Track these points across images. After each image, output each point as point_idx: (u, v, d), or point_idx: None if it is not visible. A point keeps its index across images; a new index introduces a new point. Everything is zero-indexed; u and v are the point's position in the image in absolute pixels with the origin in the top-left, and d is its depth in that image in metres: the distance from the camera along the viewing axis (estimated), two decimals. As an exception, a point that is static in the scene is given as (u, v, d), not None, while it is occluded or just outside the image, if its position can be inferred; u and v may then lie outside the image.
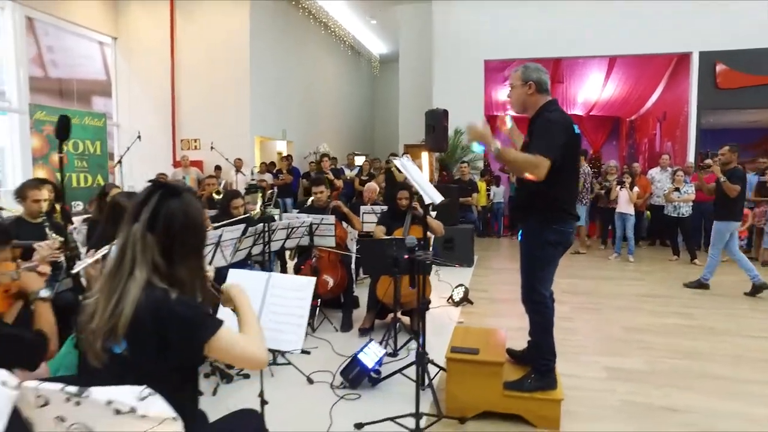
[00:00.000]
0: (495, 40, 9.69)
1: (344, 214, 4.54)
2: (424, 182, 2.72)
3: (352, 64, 15.96)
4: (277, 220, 4.50)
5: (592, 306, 5.08)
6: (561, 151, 2.39)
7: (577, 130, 2.56)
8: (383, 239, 3.74)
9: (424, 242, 2.95)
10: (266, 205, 4.13)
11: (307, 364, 3.37)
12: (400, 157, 4.40)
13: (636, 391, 3.11)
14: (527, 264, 2.63)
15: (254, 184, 8.66)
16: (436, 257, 3.29)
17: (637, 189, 7.82)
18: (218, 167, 9.62)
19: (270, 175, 9.92)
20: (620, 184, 7.66)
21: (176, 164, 10.04)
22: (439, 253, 6.19)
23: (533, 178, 2.39)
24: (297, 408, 2.85)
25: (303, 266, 4.42)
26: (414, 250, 2.57)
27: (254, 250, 3.59)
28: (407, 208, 4.13)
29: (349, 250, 4.66)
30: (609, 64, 10.73)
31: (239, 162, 9.35)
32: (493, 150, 2.45)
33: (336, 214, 4.38)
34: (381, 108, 18.23)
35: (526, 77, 2.58)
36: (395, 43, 13.43)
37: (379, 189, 6.43)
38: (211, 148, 9.08)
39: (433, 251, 4.03)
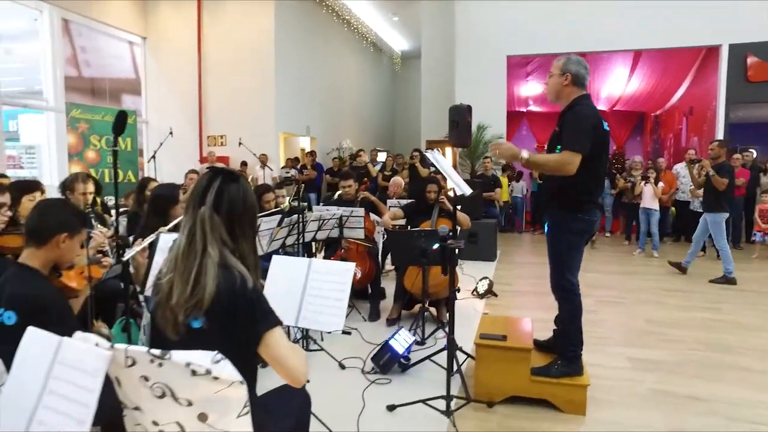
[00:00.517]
0: (517, 36, 9.67)
1: (372, 202, 4.67)
2: (455, 174, 2.81)
3: (374, 61, 16.07)
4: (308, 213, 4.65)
5: (617, 299, 5.10)
6: (590, 143, 2.48)
7: (606, 126, 2.64)
8: (412, 231, 3.84)
9: (453, 233, 3.05)
10: (295, 199, 4.26)
11: (338, 350, 3.50)
12: (427, 151, 4.51)
13: (661, 381, 3.17)
14: (555, 252, 2.72)
15: (288, 177, 8.89)
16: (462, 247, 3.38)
17: (662, 184, 7.76)
18: (244, 163, 9.86)
19: (294, 171, 10.11)
20: (645, 179, 7.61)
21: (203, 160, 10.30)
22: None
23: (568, 174, 2.49)
24: (330, 391, 2.98)
25: (332, 258, 4.56)
26: (446, 239, 2.67)
27: (288, 241, 3.74)
28: (435, 201, 4.25)
29: (376, 243, 4.78)
30: (634, 58, 10.59)
31: (264, 157, 9.56)
32: (522, 161, 2.56)
33: (364, 206, 4.51)
34: (402, 104, 18.31)
35: (565, 68, 2.67)
36: (417, 39, 13.49)
37: (403, 184, 6.53)
38: (239, 144, 9.31)
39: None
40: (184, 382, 1.22)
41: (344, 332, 3.54)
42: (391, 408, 2.73)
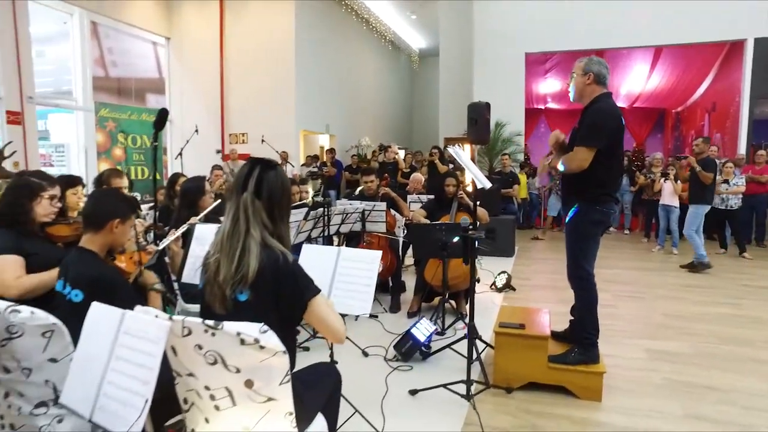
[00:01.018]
0: (536, 33, 9.67)
1: (393, 199, 4.79)
2: (474, 168, 2.92)
3: (392, 59, 16.17)
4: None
5: (635, 294, 5.13)
6: (606, 138, 2.61)
7: (622, 122, 2.75)
8: (432, 224, 3.95)
9: (474, 226, 3.15)
10: (317, 194, 4.42)
11: (361, 339, 3.63)
12: (447, 147, 4.61)
13: (677, 371, 3.23)
14: (573, 242, 2.84)
15: (315, 172, 9.09)
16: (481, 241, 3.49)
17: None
18: (265, 160, 10.05)
19: (310, 169, 10.30)
20: (664, 176, 7.58)
21: (225, 157, 10.53)
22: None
23: (585, 166, 2.65)
24: (355, 377, 3.09)
25: (354, 251, 4.69)
26: (467, 230, 2.78)
27: (312, 234, 3.88)
28: (453, 196, 4.35)
29: (398, 237, 4.90)
30: (654, 54, 10.50)
31: (285, 154, 9.75)
32: (558, 171, 2.76)
33: (385, 201, 4.63)
34: (420, 102, 18.38)
35: (587, 68, 2.79)
36: (435, 37, 13.55)
37: (423, 180, 6.64)
38: (262, 141, 9.51)
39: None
40: (233, 350, 1.35)
41: (371, 316, 3.72)
42: (414, 392, 2.85)
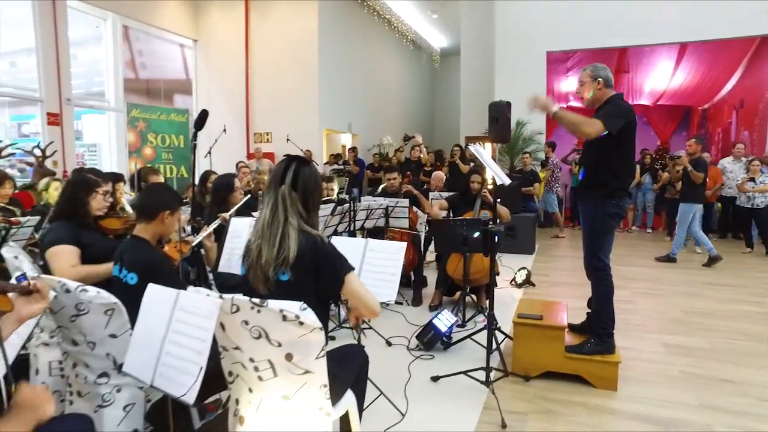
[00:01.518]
0: (558, 31, 9.66)
1: (415, 196, 4.94)
2: (494, 165, 3.04)
3: (413, 59, 16.28)
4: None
5: (654, 291, 5.17)
6: (618, 127, 2.73)
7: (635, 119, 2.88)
8: (454, 219, 4.09)
9: (494, 222, 3.28)
10: (341, 190, 4.60)
11: (384, 330, 3.79)
12: (468, 146, 4.72)
13: (694, 365, 3.29)
14: (589, 234, 2.97)
15: (341, 169, 9.30)
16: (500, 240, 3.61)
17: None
18: (289, 159, 10.30)
19: (336, 166, 10.49)
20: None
21: (250, 156, 10.81)
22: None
23: (584, 137, 2.79)
24: (379, 364, 3.25)
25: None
26: (488, 224, 2.92)
27: (339, 228, 4.05)
28: (478, 192, 4.47)
29: (419, 233, 5.04)
30: (679, 51, 10.37)
31: (309, 153, 9.97)
32: (552, 114, 2.83)
33: (408, 198, 4.79)
34: (441, 101, 18.45)
35: (596, 74, 2.95)
36: (456, 36, 13.61)
37: (444, 178, 6.76)
38: (287, 140, 9.74)
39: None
40: (276, 325, 1.52)
41: (397, 302, 4.05)
42: (435, 379, 2.99)
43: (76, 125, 10.07)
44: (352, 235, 4.73)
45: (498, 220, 3.65)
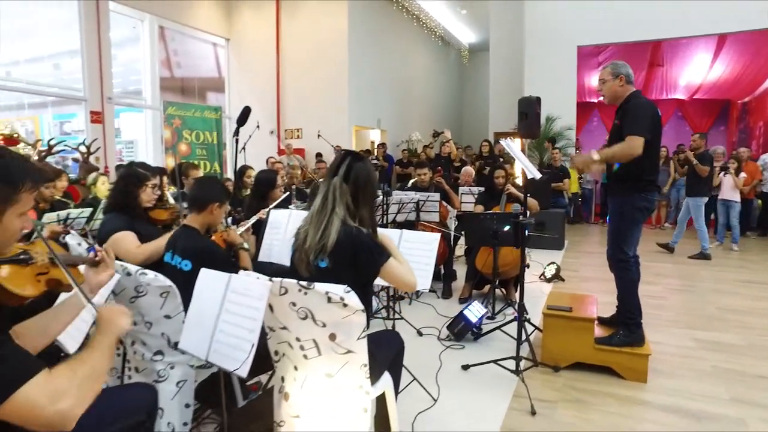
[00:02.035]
0: (588, 26, 9.52)
1: (445, 190, 5.01)
2: (524, 159, 3.09)
3: (441, 55, 16.25)
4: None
5: (687, 288, 5.11)
6: (648, 127, 2.78)
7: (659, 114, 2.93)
8: (485, 213, 4.15)
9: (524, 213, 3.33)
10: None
11: (415, 320, 3.89)
12: (500, 141, 4.75)
13: (727, 360, 3.27)
14: (616, 226, 3.01)
15: (375, 164, 9.46)
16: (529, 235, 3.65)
17: (744, 175, 7.46)
18: (319, 154, 10.47)
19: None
20: (724, 170, 7.36)
21: (281, 152, 11.03)
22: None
23: (635, 156, 2.79)
24: (411, 353, 3.30)
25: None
26: (519, 216, 2.98)
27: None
28: (503, 187, 4.52)
29: (449, 229, 5.11)
30: (717, 42, 10.05)
31: (338, 148, 10.11)
32: (599, 162, 2.90)
33: (438, 191, 4.86)
34: (469, 97, 18.35)
35: (617, 72, 3.00)
36: (485, 32, 13.54)
37: (474, 173, 6.80)
38: (318, 136, 9.91)
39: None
40: (321, 307, 1.63)
41: (431, 291, 4.16)
42: (466, 367, 3.07)
43: (115, 123, 10.49)
44: (384, 227, 4.85)
45: (528, 212, 3.70)
